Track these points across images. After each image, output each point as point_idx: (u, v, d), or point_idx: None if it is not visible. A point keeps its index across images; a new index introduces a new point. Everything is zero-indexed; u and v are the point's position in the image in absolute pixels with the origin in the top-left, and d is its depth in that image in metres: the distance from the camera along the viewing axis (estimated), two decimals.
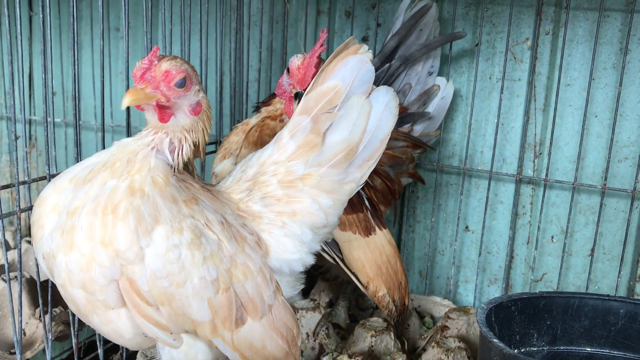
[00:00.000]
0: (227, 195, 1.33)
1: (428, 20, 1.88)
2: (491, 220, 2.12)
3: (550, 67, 1.97)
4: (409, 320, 1.92)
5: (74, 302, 1.19)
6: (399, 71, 1.90)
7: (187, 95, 1.20)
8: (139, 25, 2.32)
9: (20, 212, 1.34)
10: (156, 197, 1.17)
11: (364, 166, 1.32)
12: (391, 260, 1.69)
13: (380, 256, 1.67)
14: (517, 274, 2.14)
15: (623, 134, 1.92)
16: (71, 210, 1.15)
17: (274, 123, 1.69)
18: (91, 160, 1.23)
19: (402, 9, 1.90)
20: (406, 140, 1.91)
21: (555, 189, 2.03)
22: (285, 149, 1.31)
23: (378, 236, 1.68)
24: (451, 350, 1.67)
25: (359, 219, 1.65)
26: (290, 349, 1.30)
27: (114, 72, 2.46)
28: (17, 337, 1.37)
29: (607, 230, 1.99)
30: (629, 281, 2.00)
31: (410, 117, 1.93)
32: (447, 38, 1.93)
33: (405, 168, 1.96)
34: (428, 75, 1.94)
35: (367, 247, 1.65)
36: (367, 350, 1.70)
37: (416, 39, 1.89)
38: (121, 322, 1.19)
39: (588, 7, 1.90)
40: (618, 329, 1.58)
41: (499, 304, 1.52)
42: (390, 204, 1.91)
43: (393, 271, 1.69)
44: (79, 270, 1.13)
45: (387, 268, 1.68)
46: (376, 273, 1.65)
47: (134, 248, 1.12)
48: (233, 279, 1.22)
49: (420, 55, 1.89)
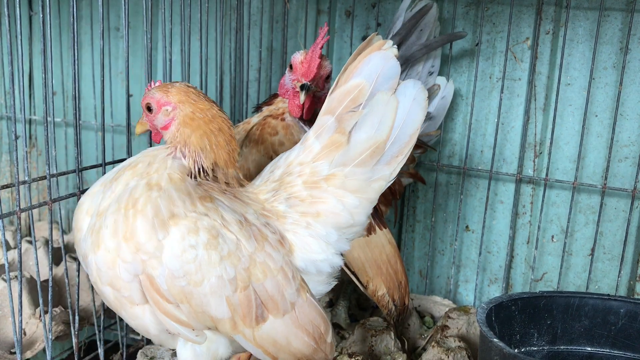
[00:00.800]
0: (253, 196, 1.36)
1: (428, 20, 1.88)
2: (491, 219, 2.12)
3: (551, 67, 1.97)
4: (409, 320, 1.92)
5: (105, 299, 1.29)
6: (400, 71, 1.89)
7: (157, 117, 1.33)
8: (139, 24, 2.32)
9: (20, 212, 1.34)
10: (171, 191, 1.24)
11: (393, 162, 1.31)
12: (391, 259, 1.69)
13: (380, 255, 1.67)
14: (517, 273, 2.14)
15: (623, 133, 1.92)
16: (100, 211, 1.25)
17: (275, 122, 1.67)
18: (119, 165, 1.33)
19: (403, 9, 1.90)
20: None
21: (556, 188, 2.03)
22: (310, 150, 1.33)
23: (378, 236, 1.67)
24: (451, 349, 1.67)
25: None
26: (318, 345, 1.33)
27: (114, 72, 2.46)
28: (17, 336, 1.37)
29: (607, 230, 1.99)
30: (629, 281, 2.00)
31: None
32: (447, 38, 1.93)
33: (406, 168, 1.96)
34: (428, 75, 1.94)
35: (367, 246, 1.64)
36: (368, 350, 1.70)
37: (417, 39, 1.89)
38: (146, 318, 1.26)
39: (588, 7, 1.90)
40: (618, 328, 1.58)
41: (499, 303, 1.52)
42: (390, 204, 1.91)
43: (393, 271, 1.69)
44: (106, 267, 1.21)
45: (387, 268, 1.68)
46: (376, 272, 1.65)
47: (153, 240, 1.19)
48: (252, 277, 1.25)
49: (421, 55, 1.89)
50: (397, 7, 2.08)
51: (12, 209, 1.55)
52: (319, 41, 1.58)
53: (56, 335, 1.68)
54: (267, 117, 1.69)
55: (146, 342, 1.79)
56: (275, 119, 1.68)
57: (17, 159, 1.37)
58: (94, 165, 1.64)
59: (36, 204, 1.41)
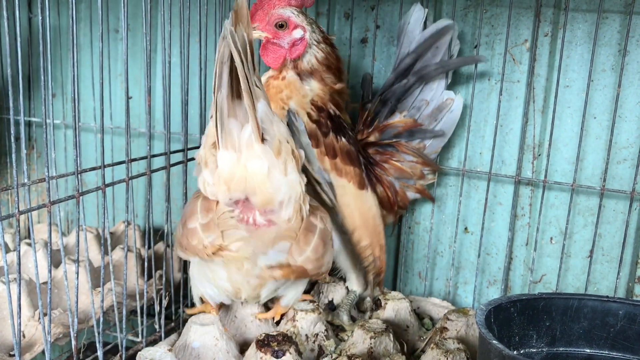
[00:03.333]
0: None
1: (446, 39, 1.89)
2: (490, 221, 2.12)
3: (549, 69, 1.97)
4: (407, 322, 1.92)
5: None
6: (414, 87, 1.93)
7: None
8: (139, 27, 2.33)
9: (19, 214, 1.34)
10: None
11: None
12: (377, 219, 1.84)
13: (368, 211, 1.82)
14: (516, 275, 2.14)
15: (622, 135, 1.92)
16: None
17: (277, 82, 1.80)
18: None
19: (416, 22, 1.89)
20: (416, 156, 1.95)
21: (554, 190, 2.03)
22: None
23: (369, 194, 1.83)
24: (450, 351, 1.67)
25: (355, 172, 1.78)
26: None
27: (113, 74, 2.46)
28: (17, 339, 1.37)
29: (606, 232, 1.99)
30: (627, 282, 2.00)
31: (421, 133, 1.96)
32: (464, 61, 1.96)
33: (413, 183, 1.99)
34: (442, 92, 1.96)
35: (358, 198, 1.80)
36: (367, 352, 1.70)
37: (432, 57, 1.90)
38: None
39: (587, 9, 1.90)
40: (617, 330, 1.58)
41: (498, 305, 1.52)
42: (391, 212, 1.96)
43: (377, 230, 1.84)
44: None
45: (373, 224, 1.82)
46: (362, 223, 1.80)
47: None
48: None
49: (437, 74, 1.91)
50: (396, 10, 2.09)
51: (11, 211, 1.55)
52: None
53: (55, 337, 1.68)
54: (269, 79, 1.82)
55: (145, 344, 1.79)
56: (277, 79, 1.80)
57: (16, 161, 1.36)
58: (93, 168, 1.64)
59: (35, 206, 1.41)
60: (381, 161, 1.94)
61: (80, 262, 1.68)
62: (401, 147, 1.94)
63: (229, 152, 1.44)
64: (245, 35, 1.34)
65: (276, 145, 1.44)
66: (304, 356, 1.70)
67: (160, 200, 2.44)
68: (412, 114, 1.95)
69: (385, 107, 1.94)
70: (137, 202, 2.42)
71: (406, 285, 2.28)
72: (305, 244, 1.54)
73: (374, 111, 1.96)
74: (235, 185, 1.47)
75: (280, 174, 1.46)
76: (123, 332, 1.76)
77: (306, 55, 1.78)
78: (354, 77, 2.19)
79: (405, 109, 1.95)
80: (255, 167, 1.44)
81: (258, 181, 1.45)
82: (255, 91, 1.37)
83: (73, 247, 2.16)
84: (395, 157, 1.95)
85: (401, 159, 1.95)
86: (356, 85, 2.18)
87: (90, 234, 2.18)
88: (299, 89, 1.79)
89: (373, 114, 1.96)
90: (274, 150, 1.44)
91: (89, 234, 2.16)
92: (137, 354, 1.66)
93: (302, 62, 1.79)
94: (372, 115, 1.96)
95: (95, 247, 2.16)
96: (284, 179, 1.47)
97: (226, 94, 1.37)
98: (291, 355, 1.54)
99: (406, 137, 1.95)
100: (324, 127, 1.77)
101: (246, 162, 1.44)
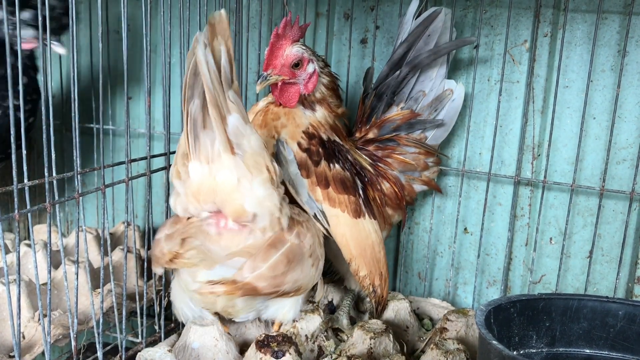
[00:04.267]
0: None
1: (436, 26, 1.87)
2: (490, 222, 2.12)
3: (549, 69, 1.98)
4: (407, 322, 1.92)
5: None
6: (408, 77, 1.90)
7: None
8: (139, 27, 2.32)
9: (19, 215, 1.34)
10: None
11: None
12: (376, 247, 1.77)
13: (365, 240, 1.75)
14: (515, 275, 2.14)
15: (621, 135, 1.93)
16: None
17: (277, 109, 1.78)
18: None
19: (411, 14, 1.88)
20: (417, 147, 1.93)
21: (554, 190, 2.03)
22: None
23: (367, 222, 1.76)
24: (450, 352, 1.67)
25: (349, 201, 1.74)
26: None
27: (113, 75, 2.45)
28: (16, 340, 1.37)
29: (605, 232, 1.99)
30: (627, 283, 2.00)
31: (420, 124, 1.93)
32: (456, 44, 1.91)
33: (418, 175, 1.97)
34: (441, 82, 1.93)
35: (354, 227, 1.73)
36: (366, 353, 1.70)
37: (424, 45, 1.88)
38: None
39: (586, 10, 1.90)
40: (617, 330, 1.58)
41: (497, 305, 1.52)
42: (399, 208, 1.94)
43: (376, 258, 1.77)
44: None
45: (371, 253, 1.76)
46: (359, 253, 1.74)
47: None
48: None
49: (429, 61, 1.88)
50: (395, 10, 2.09)
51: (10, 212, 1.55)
52: (278, 31, 1.67)
53: (55, 338, 1.68)
54: (269, 103, 1.80)
55: (145, 345, 1.79)
56: (277, 106, 1.78)
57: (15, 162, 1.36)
58: (93, 169, 1.64)
59: (35, 207, 1.41)
60: (383, 156, 1.92)
61: (80, 263, 1.68)
62: (402, 140, 1.92)
63: (201, 164, 1.42)
64: (224, 49, 1.33)
65: (247, 158, 1.42)
66: (304, 357, 1.69)
67: (160, 200, 2.44)
68: (410, 105, 1.93)
69: (381, 102, 1.91)
70: (137, 203, 2.42)
71: (406, 285, 2.28)
72: (263, 261, 1.49)
73: (370, 107, 1.94)
74: (205, 197, 1.45)
75: (251, 186, 1.44)
76: (123, 333, 1.76)
77: (317, 86, 1.78)
78: (353, 78, 2.19)
79: (402, 101, 1.93)
80: (224, 178, 1.42)
81: (227, 192, 1.43)
82: (227, 105, 1.36)
83: (73, 248, 2.16)
84: (397, 151, 1.92)
85: (403, 151, 1.92)
86: (356, 85, 2.18)
87: (90, 234, 2.18)
88: (298, 117, 1.77)
89: (370, 109, 1.94)
90: (245, 163, 1.42)
91: (88, 234, 2.15)
92: (137, 354, 1.66)
93: (314, 93, 1.78)
94: (368, 111, 1.94)
95: (95, 248, 2.16)
96: (255, 191, 1.45)
97: (200, 105, 1.36)
98: (291, 356, 1.54)
99: (405, 129, 1.92)
100: (315, 155, 1.73)
101: (216, 173, 1.42)
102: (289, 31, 1.70)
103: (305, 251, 1.58)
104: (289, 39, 1.70)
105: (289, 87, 1.75)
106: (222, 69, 1.33)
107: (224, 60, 1.33)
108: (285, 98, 1.76)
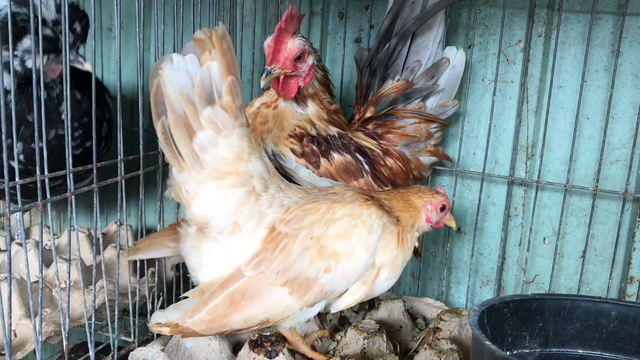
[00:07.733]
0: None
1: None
2: (483, 222, 2.12)
3: (543, 69, 1.98)
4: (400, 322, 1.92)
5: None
6: (399, 48, 1.86)
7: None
8: (132, 25, 2.31)
9: (10, 214, 1.32)
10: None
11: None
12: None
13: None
14: (509, 275, 2.14)
15: (615, 136, 1.93)
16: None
17: (267, 110, 1.78)
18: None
19: None
20: (415, 117, 1.90)
21: (547, 190, 2.03)
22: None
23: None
24: (443, 352, 1.67)
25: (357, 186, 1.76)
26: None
27: (106, 73, 2.45)
28: (7, 338, 1.36)
29: (598, 232, 2.00)
30: (620, 283, 2.01)
31: (416, 93, 1.89)
32: (440, 4, 1.80)
33: (423, 146, 1.95)
34: (438, 49, 1.89)
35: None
36: (360, 352, 1.70)
37: (410, 12, 1.83)
38: None
39: (580, 10, 1.91)
40: (610, 331, 1.58)
41: (491, 305, 1.52)
42: (408, 182, 1.93)
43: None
44: None
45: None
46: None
47: None
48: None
49: (415, 28, 1.82)
50: None
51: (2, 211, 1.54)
52: (281, 25, 1.65)
53: (47, 336, 1.67)
54: (261, 106, 1.80)
55: (138, 344, 1.79)
56: (268, 107, 1.78)
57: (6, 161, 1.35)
58: (85, 167, 1.62)
59: (26, 206, 1.39)
60: (383, 133, 1.90)
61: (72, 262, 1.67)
62: (399, 113, 1.89)
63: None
64: (219, 65, 1.30)
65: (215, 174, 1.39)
66: (297, 357, 1.69)
67: (153, 199, 2.43)
68: (406, 76, 1.89)
69: (375, 78, 1.89)
70: (130, 202, 2.41)
71: (399, 285, 2.28)
72: (204, 304, 1.42)
73: (365, 85, 1.91)
74: (175, 196, 1.46)
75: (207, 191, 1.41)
76: (115, 332, 1.75)
77: (312, 80, 1.78)
78: (347, 77, 2.18)
79: (397, 73, 1.89)
80: (188, 188, 1.41)
81: (186, 204, 1.43)
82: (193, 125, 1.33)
83: (65, 246, 2.15)
84: (396, 125, 1.90)
85: (402, 124, 1.89)
86: (350, 84, 2.18)
87: (82, 234, 2.17)
88: (286, 119, 1.76)
89: (365, 88, 1.91)
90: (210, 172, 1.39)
91: (80, 234, 2.14)
92: (130, 354, 1.65)
93: (307, 88, 1.77)
94: (364, 89, 1.91)
95: (87, 246, 2.15)
96: (211, 196, 1.42)
97: (173, 120, 1.33)
98: (284, 356, 1.54)
99: (402, 101, 1.89)
100: (312, 156, 1.73)
101: (182, 183, 1.41)
102: (290, 24, 1.69)
103: (272, 281, 1.43)
104: (290, 32, 1.69)
105: (289, 79, 1.74)
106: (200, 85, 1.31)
107: (206, 75, 1.30)
108: (286, 90, 1.75)
